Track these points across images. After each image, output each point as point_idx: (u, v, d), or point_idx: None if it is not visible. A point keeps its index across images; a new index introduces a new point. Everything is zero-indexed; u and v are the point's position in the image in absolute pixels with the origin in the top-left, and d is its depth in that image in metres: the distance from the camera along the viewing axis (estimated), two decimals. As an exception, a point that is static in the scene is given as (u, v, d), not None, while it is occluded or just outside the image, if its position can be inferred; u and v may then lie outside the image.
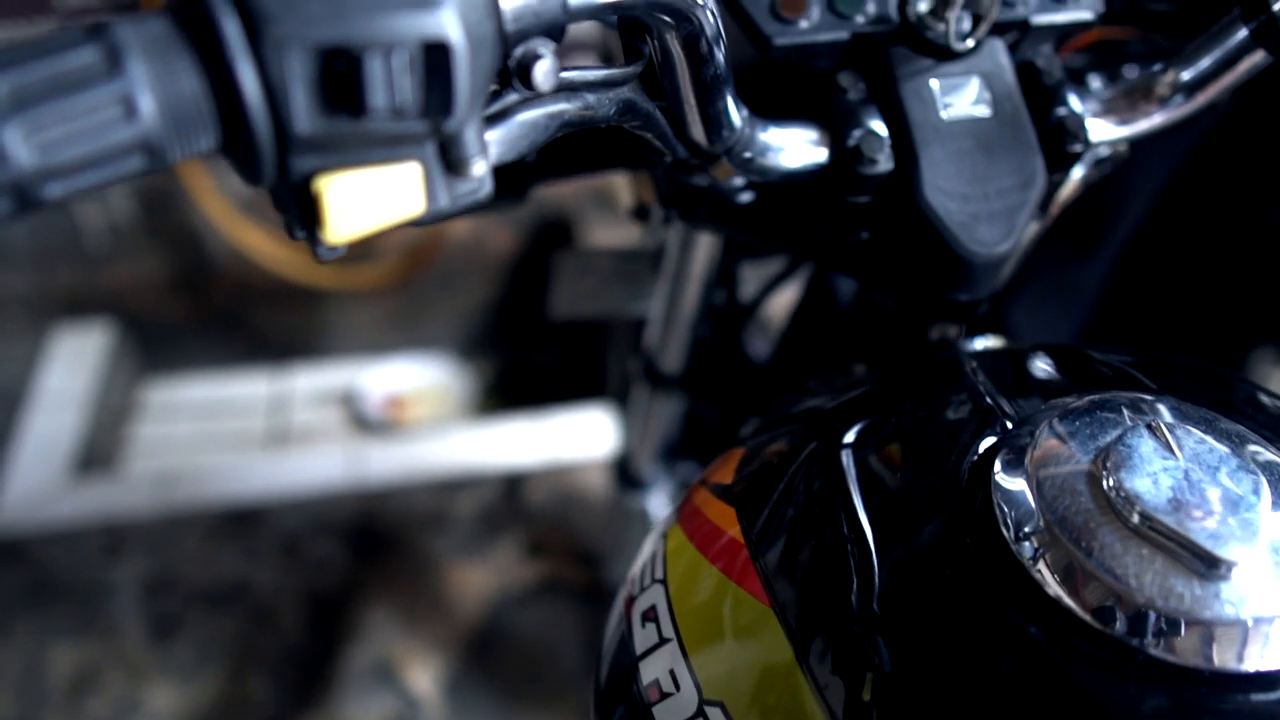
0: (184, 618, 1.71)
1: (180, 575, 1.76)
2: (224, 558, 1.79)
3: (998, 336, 0.58)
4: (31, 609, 1.71)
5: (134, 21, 0.28)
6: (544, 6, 0.34)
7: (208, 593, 1.74)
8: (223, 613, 1.71)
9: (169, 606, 1.72)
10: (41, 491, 1.88)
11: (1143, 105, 0.56)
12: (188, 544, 1.80)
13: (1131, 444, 0.40)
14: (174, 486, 1.88)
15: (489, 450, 1.96)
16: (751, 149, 0.49)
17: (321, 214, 0.30)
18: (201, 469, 1.95)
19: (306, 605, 1.72)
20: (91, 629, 1.69)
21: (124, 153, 0.28)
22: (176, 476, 1.91)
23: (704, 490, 0.51)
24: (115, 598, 1.73)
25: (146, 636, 1.68)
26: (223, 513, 1.84)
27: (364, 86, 0.28)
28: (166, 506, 1.85)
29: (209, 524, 1.83)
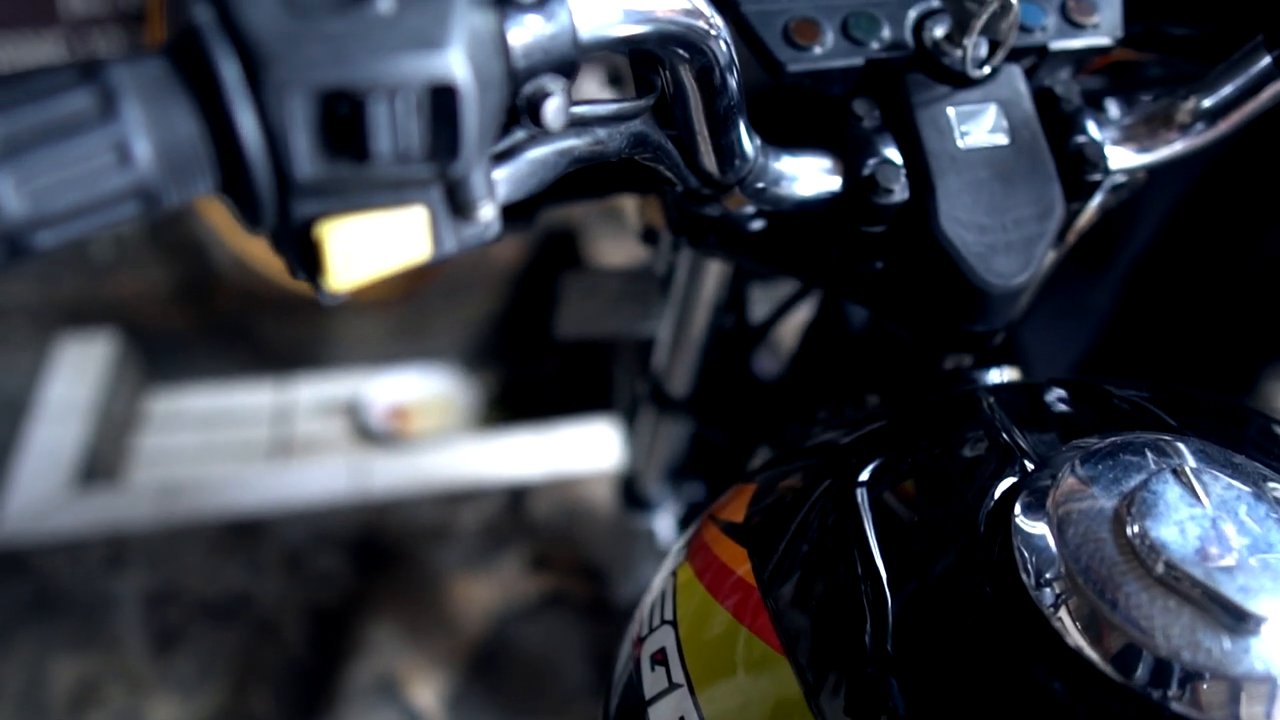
0: (186, 631, 1.70)
1: (182, 588, 1.75)
2: (226, 570, 1.78)
3: (1013, 367, 0.57)
4: (33, 621, 1.70)
5: (129, 62, 0.27)
6: (554, 43, 0.33)
7: (210, 605, 1.73)
8: (225, 626, 1.70)
9: (171, 619, 1.71)
10: (44, 502, 1.87)
11: (1163, 132, 0.55)
12: (190, 556, 1.79)
13: (1156, 490, 0.39)
14: (177, 498, 1.87)
15: (493, 462, 1.95)
16: (764, 179, 0.48)
17: (323, 261, 0.29)
18: (205, 480, 1.94)
19: (309, 619, 1.71)
20: (93, 642, 1.68)
21: (118, 199, 0.27)
22: (180, 487, 1.90)
23: (714, 527, 0.49)
24: (117, 610, 1.72)
25: (148, 649, 1.67)
26: (225, 524, 1.83)
27: (367, 131, 0.27)
28: (169, 518, 1.84)
29: (212, 536, 1.82)
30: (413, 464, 1.95)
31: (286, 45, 0.27)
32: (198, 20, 0.27)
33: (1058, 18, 0.54)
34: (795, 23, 0.51)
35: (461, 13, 0.29)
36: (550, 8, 0.33)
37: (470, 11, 0.29)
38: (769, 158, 0.48)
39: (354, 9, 0.27)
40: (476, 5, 0.30)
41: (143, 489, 1.96)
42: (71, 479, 1.93)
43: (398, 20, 0.28)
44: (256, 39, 0.27)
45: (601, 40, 0.35)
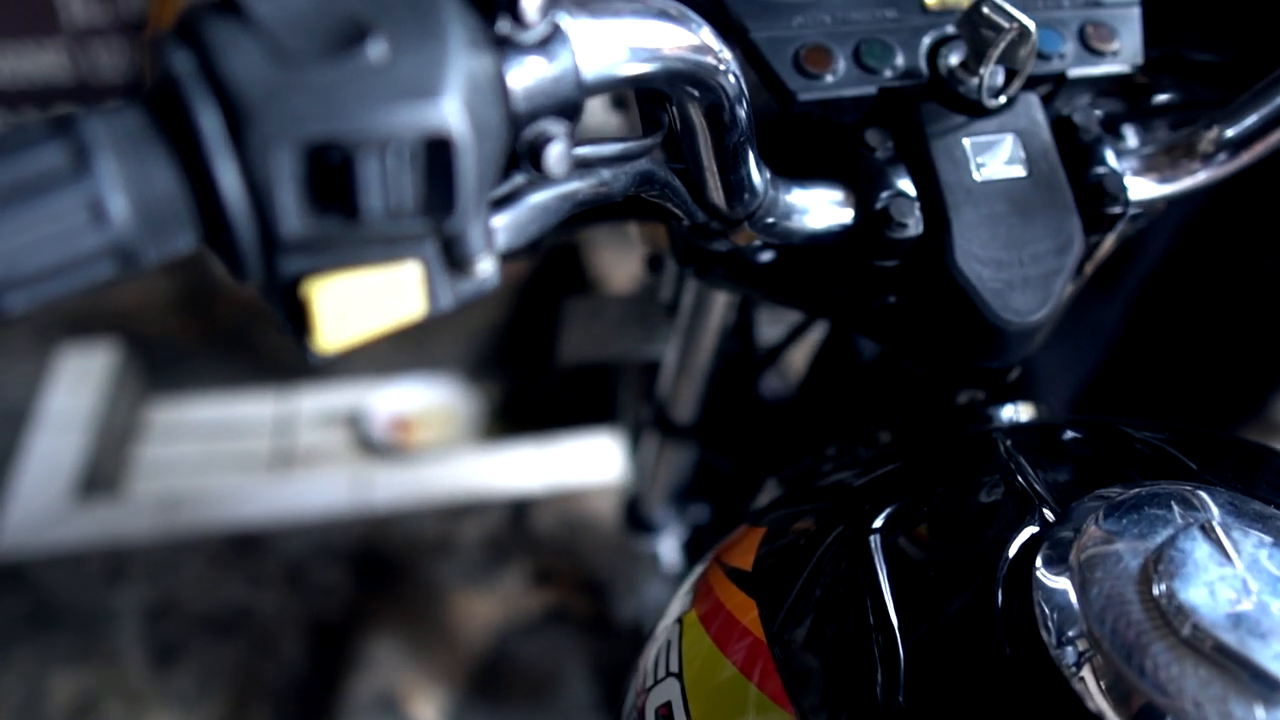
0: (185, 645, 1.68)
1: (182, 601, 1.74)
2: (226, 583, 1.76)
3: (1028, 403, 0.55)
4: (32, 634, 1.68)
5: (103, 114, 0.26)
6: (556, 85, 0.32)
7: (209, 619, 1.72)
8: (224, 640, 1.69)
9: (170, 633, 1.70)
10: (44, 514, 1.86)
11: (1185, 163, 0.53)
12: (190, 569, 1.78)
13: (1184, 548, 0.37)
14: (177, 510, 1.86)
15: (496, 475, 1.93)
16: (774, 213, 0.46)
17: (311, 321, 0.28)
18: (205, 492, 1.93)
19: (309, 633, 1.70)
20: (92, 655, 1.67)
21: (93, 259, 0.26)
22: (180, 499, 1.89)
23: (721, 574, 0.48)
24: (116, 624, 1.70)
25: (147, 664, 1.66)
26: (226, 537, 1.82)
27: (356, 187, 0.26)
28: (170, 530, 1.83)
29: (212, 549, 1.81)
30: (415, 476, 1.93)
31: (271, 96, 0.25)
32: (176, 69, 0.25)
33: (1076, 44, 0.53)
34: (806, 50, 0.49)
35: (458, 58, 0.27)
36: (552, 48, 0.31)
37: (467, 55, 0.28)
38: (779, 191, 0.47)
39: (344, 57, 0.26)
40: (474, 48, 0.28)
41: (143, 500, 1.95)
42: (72, 490, 1.92)
43: (390, 68, 0.26)
44: (239, 89, 0.25)
45: (606, 80, 0.33)
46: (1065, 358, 1.31)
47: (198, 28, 0.26)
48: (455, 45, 0.27)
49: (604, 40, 0.33)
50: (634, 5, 0.35)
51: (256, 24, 0.26)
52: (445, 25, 0.27)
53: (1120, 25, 0.54)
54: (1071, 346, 1.31)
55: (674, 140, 0.42)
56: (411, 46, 0.27)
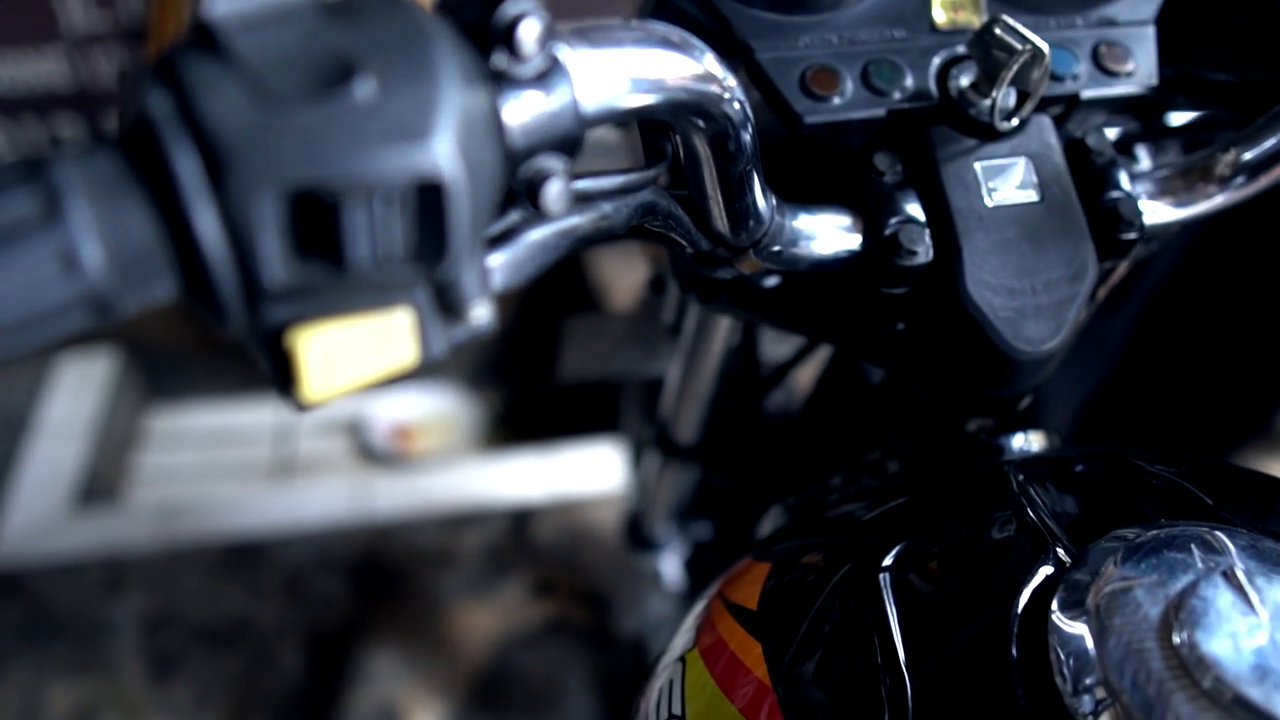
0: (184, 656, 1.67)
1: (181, 611, 1.73)
2: (225, 593, 1.75)
3: (1039, 432, 0.54)
4: (30, 644, 1.67)
5: (76, 158, 0.24)
6: (555, 120, 0.30)
7: (208, 630, 1.70)
8: (223, 651, 1.68)
9: (169, 644, 1.69)
10: (43, 523, 1.85)
11: (1201, 186, 0.52)
12: (189, 579, 1.77)
13: (1206, 595, 0.36)
14: (177, 519, 1.85)
15: (497, 484, 1.92)
16: (780, 240, 0.45)
17: (297, 372, 0.26)
18: (205, 501, 1.92)
19: (308, 644, 1.69)
20: (90, 666, 1.65)
21: (65, 310, 0.24)
22: (180, 509, 1.87)
23: (725, 611, 0.47)
24: (115, 634, 1.69)
25: (146, 675, 1.65)
26: (225, 546, 1.81)
27: (343, 236, 0.24)
28: (169, 540, 1.81)
29: (211, 558, 1.80)
30: (415, 485, 1.92)
31: (253, 140, 0.24)
32: (153, 111, 0.24)
33: (1089, 65, 0.51)
34: (813, 71, 0.48)
35: (450, 95, 0.26)
36: (550, 81, 0.30)
37: (460, 92, 0.26)
38: (785, 217, 0.45)
39: (329, 97, 0.24)
40: (467, 84, 0.27)
41: (142, 509, 1.93)
42: (71, 499, 1.91)
43: (378, 109, 0.25)
44: (219, 133, 0.24)
45: (607, 113, 0.32)
46: (1071, 372, 1.29)
47: (175, 67, 0.25)
48: (447, 82, 0.26)
49: (604, 72, 0.32)
50: (635, 33, 0.33)
51: (237, 63, 0.24)
52: (436, 61, 0.26)
53: (1134, 45, 0.52)
54: (1077, 361, 1.30)
55: (677, 167, 0.41)
56: (401, 85, 0.25)
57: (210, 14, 0.25)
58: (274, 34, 0.25)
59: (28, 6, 1.78)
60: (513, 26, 0.28)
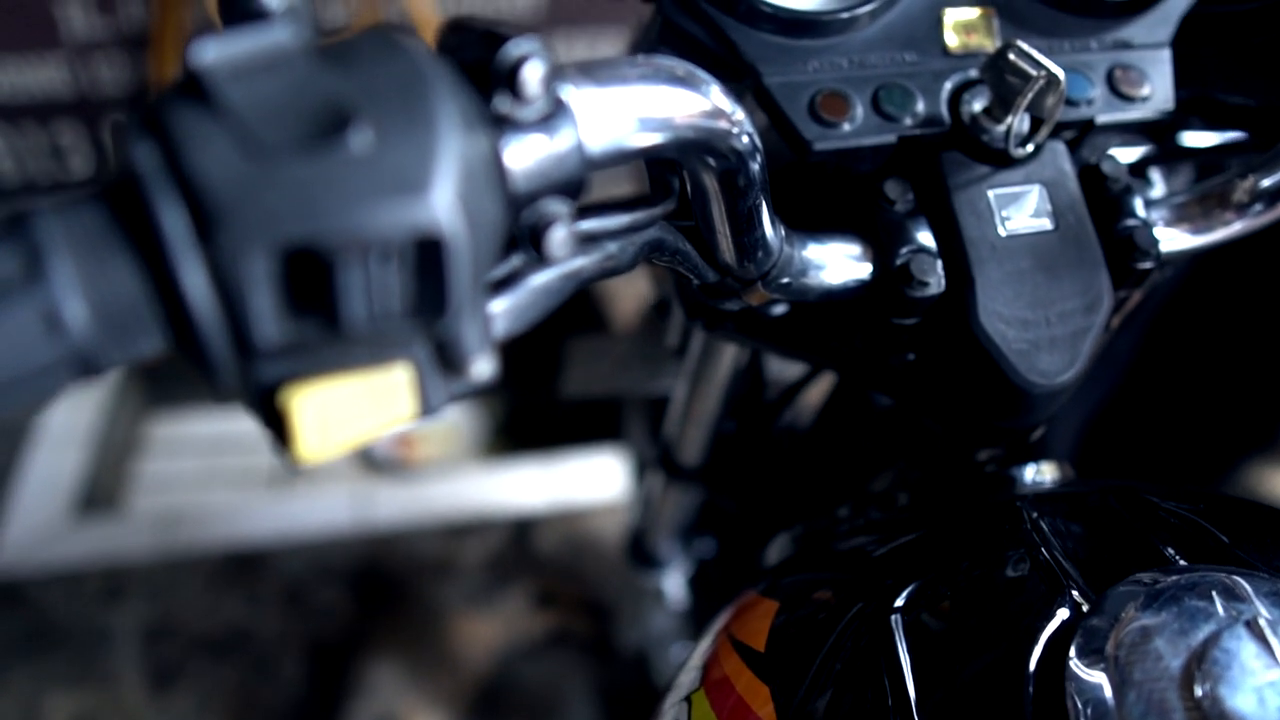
0: (184, 666, 1.66)
1: (181, 621, 1.72)
2: (226, 603, 1.74)
3: (1051, 462, 0.53)
4: (29, 654, 1.66)
5: (59, 212, 0.23)
6: (560, 163, 0.29)
7: (208, 640, 1.69)
8: (223, 661, 1.67)
9: (169, 654, 1.68)
10: (43, 531, 1.84)
11: (1218, 213, 0.51)
12: (189, 588, 1.76)
13: (1229, 647, 0.35)
14: (177, 528, 1.84)
15: (499, 493, 1.91)
16: (789, 271, 0.44)
17: (291, 432, 0.25)
18: (205, 510, 1.91)
19: (309, 655, 1.68)
20: (90, 676, 1.64)
21: (48, 372, 0.23)
22: (180, 517, 1.86)
23: (732, 651, 0.45)
24: (114, 644, 1.68)
25: (145, 684, 1.64)
26: (226, 555, 1.80)
27: (338, 295, 0.23)
28: (169, 548, 1.80)
29: (212, 567, 1.79)
30: (417, 494, 1.91)
31: (243, 195, 0.23)
32: (139, 164, 0.23)
33: (1104, 89, 0.50)
34: (822, 96, 0.47)
35: (450, 144, 0.25)
36: (554, 123, 0.29)
37: (461, 139, 0.25)
38: (794, 248, 0.44)
39: (323, 149, 0.23)
40: (468, 129, 0.26)
41: (142, 518, 1.92)
42: (71, 507, 1.90)
43: (375, 160, 0.24)
44: (207, 187, 0.23)
45: (613, 154, 0.31)
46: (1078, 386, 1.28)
47: (162, 117, 0.23)
48: (446, 129, 0.25)
49: (609, 111, 0.30)
50: (639, 69, 0.32)
51: (227, 113, 0.23)
52: (435, 107, 0.25)
53: (1150, 68, 0.51)
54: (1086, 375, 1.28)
55: (684, 199, 0.40)
56: (398, 134, 0.24)
57: (199, 61, 0.24)
58: (265, 81, 0.24)
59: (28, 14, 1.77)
60: (516, 69, 0.27)
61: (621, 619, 1.40)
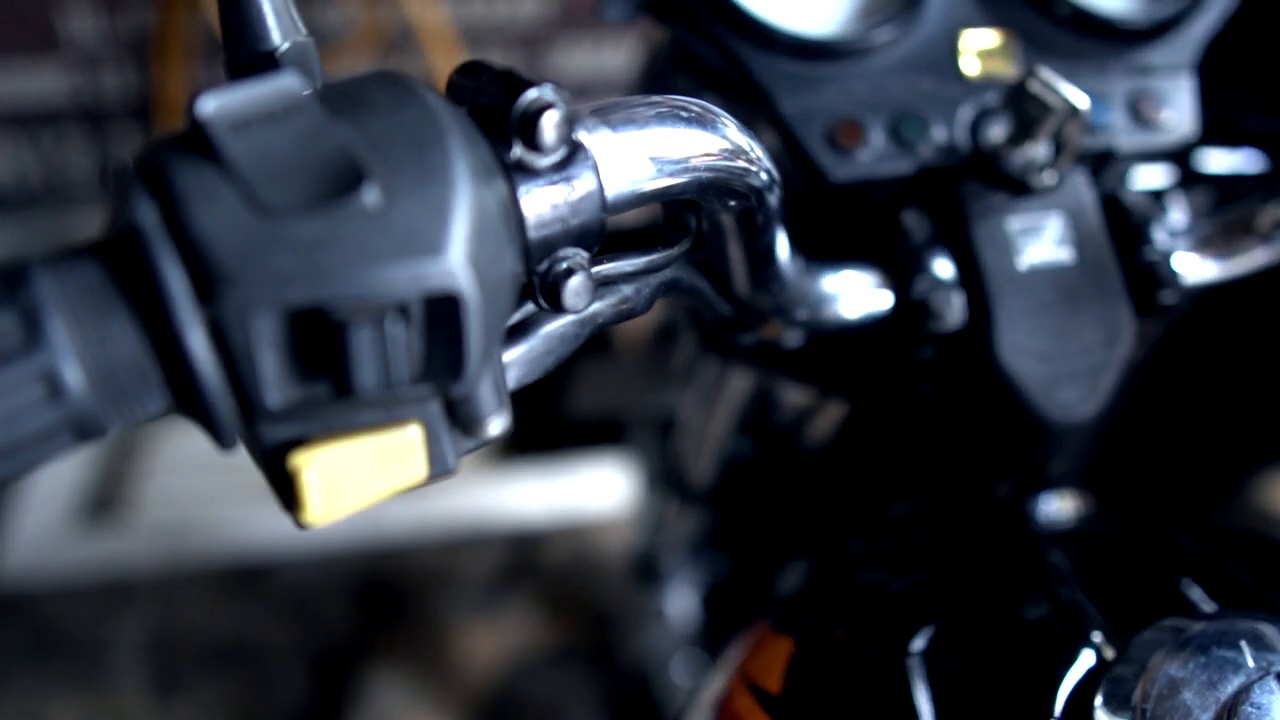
0: (187, 677, 1.66)
1: (184, 632, 1.71)
2: (229, 615, 1.73)
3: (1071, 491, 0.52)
4: (32, 664, 1.66)
5: (57, 269, 0.22)
6: (577, 210, 0.28)
7: (212, 651, 1.69)
8: (226, 673, 1.66)
9: (172, 665, 1.67)
10: (47, 542, 1.83)
11: (1242, 242, 0.49)
12: (193, 599, 1.75)
13: (1260, 703, 0.34)
14: (181, 538, 1.83)
15: (504, 504, 1.90)
16: (805, 305, 0.43)
17: (299, 496, 0.24)
18: (209, 519, 1.90)
19: (312, 667, 1.67)
20: (92, 687, 1.64)
21: (51, 435, 0.22)
22: (184, 526, 1.86)
23: (747, 694, 0.44)
24: (117, 654, 1.68)
25: (148, 695, 1.63)
26: (230, 566, 1.79)
27: (349, 360, 0.22)
28: (173, 559, 1.80)
29: (216, 579, 1.78)
30: (420, 505, 1.90)
31: (248, 254, 0.22)
32: (139, 219, 0.22)
33: (1126, 116, 0.49)
34: (839, 125, 0.46)
35: (465, 198, 0.24)
36: (571, 170, 0.28)
37: (476, 191, 0.24)
38: (811, 281, 0.43)
39: (333, 208, 0.22)
40: (483, 181, 0.25)
41: (147, 528, 1.92)
42: (75, 518, 1.89)
43: (386, 216, 0.23)
44: (211, 246, 0.22)
45: (630, 198, 0.30)
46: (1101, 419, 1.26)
47: (165, 171, 0.22)
48: (461, 183, 0.24)
49: (626, 156, 0.29)
50: (654, 109, 0.31)
51: (232, 168, 0.22)
52: (450, 160, 0.24)
53: (1172, 92, 0.50)
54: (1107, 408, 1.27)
55: (699, 235, 0.39)
56: (411, 189, 0.23)
57: (202, 112, 0.23)
58: (272, 133, 0.23)
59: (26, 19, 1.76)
60: (534, 118, 0.26)
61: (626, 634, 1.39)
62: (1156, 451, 1.39)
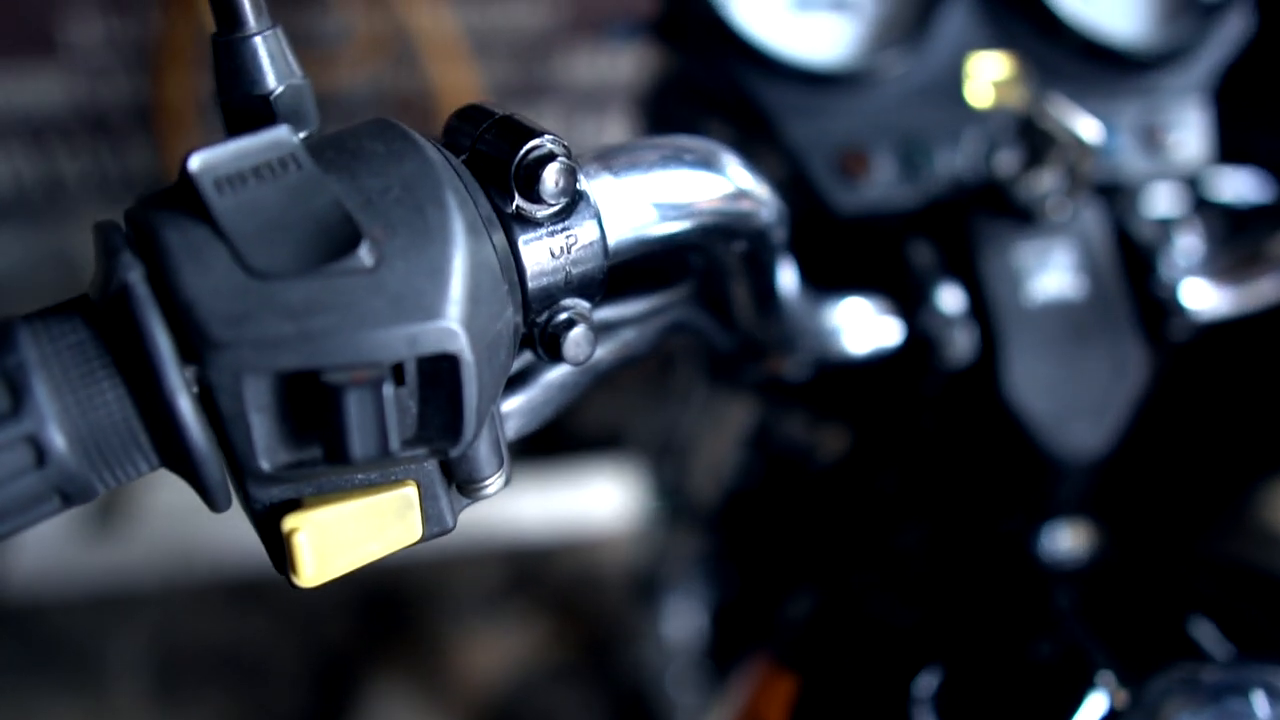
0: (189, 690, 1.65)
1: (187, 646, 1.71)
2: (232, 628, 1.73)
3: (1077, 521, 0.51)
4: (34, 676, 1.65)
5: (41, 328, 0.22)
6: (578, 260, 0.27)
7: (214, 664, 1.68)
8: (228, 686, 1.66)
9: (174, 678, 1.67)
10: (51, 555, 1.83)
11: (1257, 273, 0.48)
12: (195, 611, 1.75)
13: (1276, 757, 0.33)
14: (184, 549, 1.83)
15: (505, 515, 1.89)
16: (810, 340, 0.42)
17: (292, 558, 0.24)
18: (212, 530, 1.89)
19: (312, 681, 1.66)
20: (95, 699, 1.63)
21: (37, 500, 0.22)
22: (187, 538, 1.85)
23: (751, 733, 0.44)
24: (120, 667, 1.67)
25: (151, 708, 1.63)
26: (231, 577, 1.78)
27: (344, 427, 0.21)
28: (176, 570, 1.79)
29: (217, 590, 1.77)
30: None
31: (238, 318, 0.21)
32: (125, 278, 0.21)
33: (1138, 144, 0.48)
34: (847, 154, 0.45)
35: (462, 253, 0.23)
36: (573, 219, 0.27)
37: (474, 244, 0.23)
38: (818, 313, 0.42)
39: (327, 270, 0.21)
40: (481, 233, 0.24)
41: (150, 540, 1.91)
42: (79, 527, 1.88)
43: (381, 278, 0.22)
44: (199, 309, 0.21)
45: (634, 245, 0.29)
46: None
47: (153, 230, 0.22)
48: (459, 241, 0.23)
49: (629, 202, 0.29)
50: (657, 150, 0.30)
51: (223, 227, 0.22)
52: (448, 217, 0.23)
53: (1184, 122, 0.49)
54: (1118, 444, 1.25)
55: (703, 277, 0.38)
56: (407, 249, 0.22)
57: (192, 169, 0.22)
58: (264, 191, 0.22)
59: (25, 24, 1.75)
60: (537, 170, 0.25)
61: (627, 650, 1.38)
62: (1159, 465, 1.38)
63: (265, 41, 0.26)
